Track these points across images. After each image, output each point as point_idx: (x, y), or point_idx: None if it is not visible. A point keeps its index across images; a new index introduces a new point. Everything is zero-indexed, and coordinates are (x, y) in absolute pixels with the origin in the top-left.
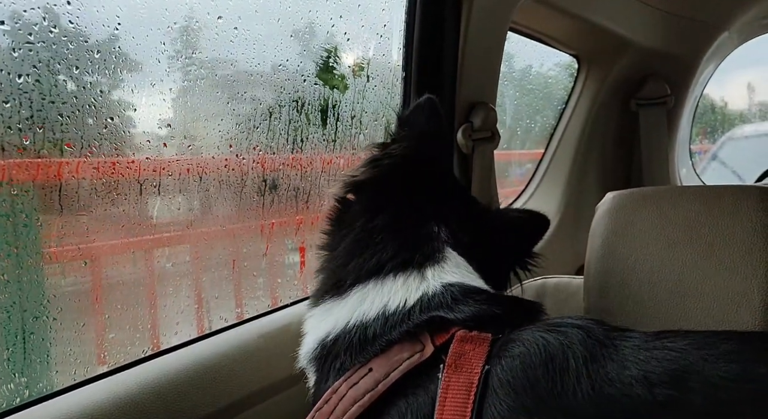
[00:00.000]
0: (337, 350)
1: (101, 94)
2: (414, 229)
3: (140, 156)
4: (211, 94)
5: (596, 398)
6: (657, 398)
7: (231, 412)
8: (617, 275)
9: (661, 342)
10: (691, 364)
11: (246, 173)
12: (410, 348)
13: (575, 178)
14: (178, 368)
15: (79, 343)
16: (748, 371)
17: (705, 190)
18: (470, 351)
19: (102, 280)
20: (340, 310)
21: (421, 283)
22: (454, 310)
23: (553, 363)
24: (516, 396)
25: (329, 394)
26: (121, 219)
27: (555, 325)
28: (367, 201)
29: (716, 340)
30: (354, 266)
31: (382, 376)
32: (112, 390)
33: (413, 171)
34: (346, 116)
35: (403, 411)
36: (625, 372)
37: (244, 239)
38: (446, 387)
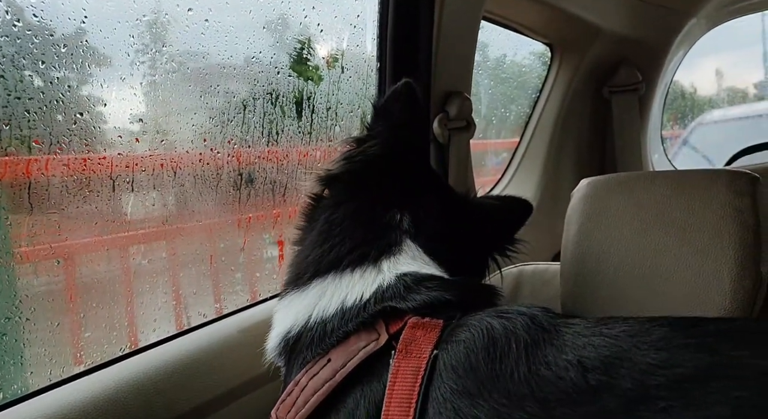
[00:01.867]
0: (300, 346)
1: (69, 89)
2: (374, 221)
3: (112, 152)
4: (183, 87)
5: (532, 379)
6: (589, 382)
7: (212, 407)
8: (592, 260)
9: (599, 328)
10: (623, 351)
11: (221, 167)
12: (366, 337)
13: (550, 165)
14: (158, 365)
15: (54, 343)
16: (674, 357)
17: (676, 174)
18: (421, 337)
19: (76, 279)
20: (300, 303)
21: (377, 276)
22: (407, 299)
23: (494, 347)
24: (459, 380)
25: (291, 386)
26: (94, 217)
27: (503, 311)
28: (336, 195)
29: (649, 327)
30: (313, 258)
31: (339, 366)
32: (89, 389)
33: (387, 165)
34: (321, 107)
35: (359, 398)
36: (561, 357)
37: (221, 234)
38: (396, 372)
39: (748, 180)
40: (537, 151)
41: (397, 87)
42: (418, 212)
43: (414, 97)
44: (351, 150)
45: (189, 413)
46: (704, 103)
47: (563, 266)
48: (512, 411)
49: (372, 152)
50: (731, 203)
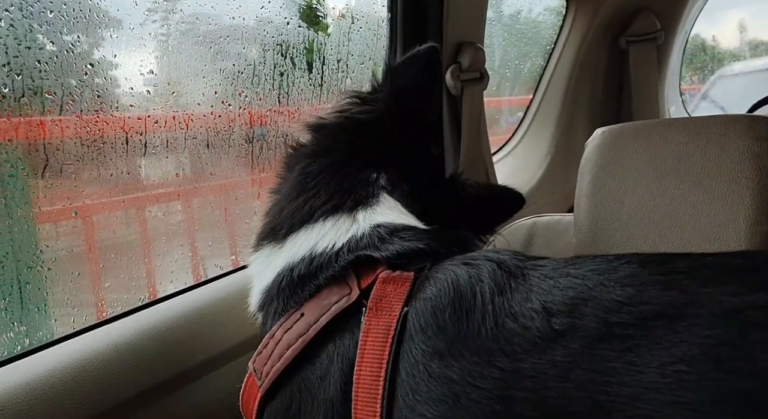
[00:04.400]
0: (272, 296)
1: (79, 40)
2: (350, 175)
3: (126, 113)
4: (195, 48)
5: (499, 333)
6: (554, 327)
7: (230, 356)
8: (607, 210)
9: (566, 269)
10: (589, 290)
11: (233, 121)
12: (338, 292)
13: (565, 119)
14: (177, 314)
15: (76, 292)
16: (641, 294)
17: (693, 121)
18: (391, 293)
19: (95, 235)
20: (277, 258)
21: (351, 226)
22: (380, 249)
23: (461, 302)
24: (428, 341)
25: (267, 339)
26: (110, 177)
27: (470, 258)
28: (316, 145)
29: (617, 265)
30: (288, 213)
31: (312, 320)
32: (112, 337)
33: (378, 130)
34: (331, 59)
35: (332, 354)
36: (527, 305)
37: (234, 188)
38: (367, 331)
39: (766, 125)
40: (551, 104)
41: (418, 50)
42: (395, 173)
43: (434, 65)
44: (349, 105)
45: (210, 360)
46: (726, 57)
47: (577, 217)
48: (483, 369)
49: (367, 114)
50: (749, 149)
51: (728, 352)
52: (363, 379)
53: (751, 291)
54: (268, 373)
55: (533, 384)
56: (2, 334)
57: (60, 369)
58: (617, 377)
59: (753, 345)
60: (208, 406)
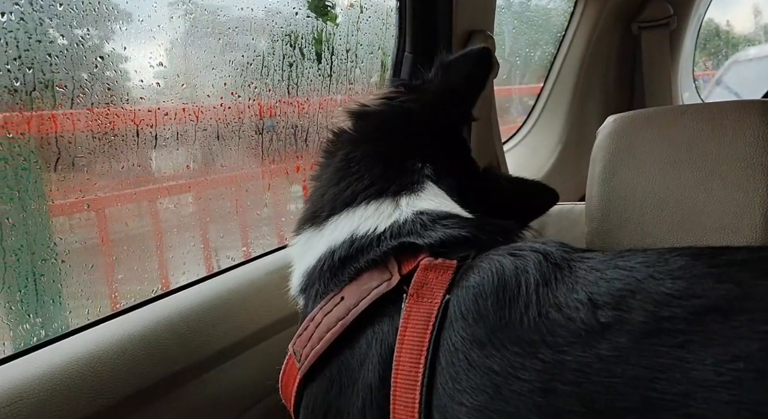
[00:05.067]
0: (313, 279)
1: (89, 33)
2: (395, 163)
3: (136, 106)
4: (205, 41)
5: (542, 324)
6: (600, 320)
7: (243, 346)
8: (619, 198)
9: (614, 261)
10: (637, 282)
11: (243, 112)
12: (379, 277)
13: (576, 107)
14: (191, 305)
15: (90, 284)
16: (693, 287)
17: (707, 107)
18: (433, 280)
19: (107, 227)
20: (317, 242)
21: (394, 211)
22: (423, 236)
23: (504, 291)
24: (469, 328)
25: (307, 322)
26: (120, 168)
27: (516, 249)
28: (360, 132)
29: (669, 257)
30: (330, 196)
31: (352, 304)
32: (126, 328)
33: (423, 119)
34: (340, 49)
35: (370, 339)
36: (572, 296)
37: (245, 179)
38: (407, 317)
39: None
40: (562, 92)
41: (474, 50)
42: (440, 165)
43: (485, 68)
44: (398, 92)
45: (221, 351)
46: (740, 41)
47: (588, 206)
48: (524, 360)
49: (414, 103)
50: (764, 134)
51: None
52: (402, 365)
53: None
54: (308, 356)
55: (577, 378)
56: (19, 326)
57: (76, 359)
58: (668, 373)
59: None
60: (222, 396)
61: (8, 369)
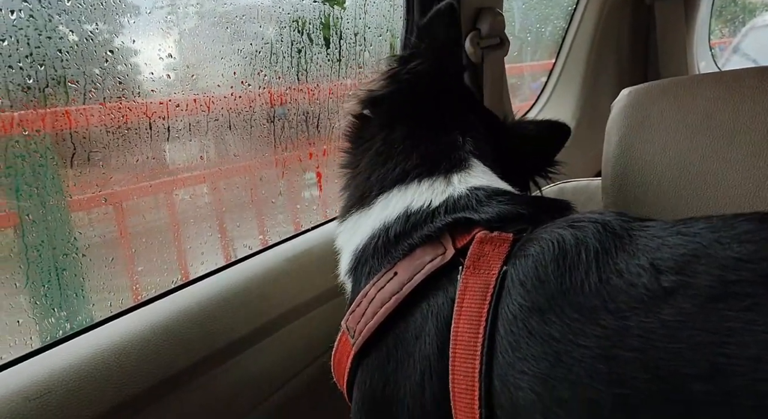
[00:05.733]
0: (366, 256)
1: (98, 28)
2: (438, 139)
3: (146, 92)
4: (212, 31)
5: (603, 289)
6: (662, 284)
7: (263, 333)
8: (636, 171)
9: (677, 228)
10: (703, 247)
11: (254, 100)
12: (432, 251)
13: (590, 81)
14: (210, 294)
15: (111, 277)
16: (762, 250)
17: (723, 75)
18: (489, 252)
19: (126, 221)
20: (367, 220)
21: (447, 187)
22: (479, 211)
23: (564, 259)
24: (528, 296)
25: (360, 298)
26: (135, 162)
27: (575, 220)
28: (386, 115)
29: (734, 222)
30: (377, 177)
31: (406, 279)
32: (148, 319)
33: (433, 85)
34: (348, 33)
35: (425, 312)
36: (633, 262)
37: (258, 168)
38: (464, 289)
39: None
40: (575, 66)
41: (440, 7)
42: (477, 135)
43: (456, 19)
44: (395, 69)
45: (242, 338)
46: (758, 7)
47: (605, 181)
48: (585, 326)
49: (419, 70)
50: None
51: None
52: (461, 336)
53: None
54: (362, 331)
55: (640, 344)
56: (45, 319)
57: (101, 351)
58: (736, 337)
59: None
60: (244, 382)
61: (36, 362)
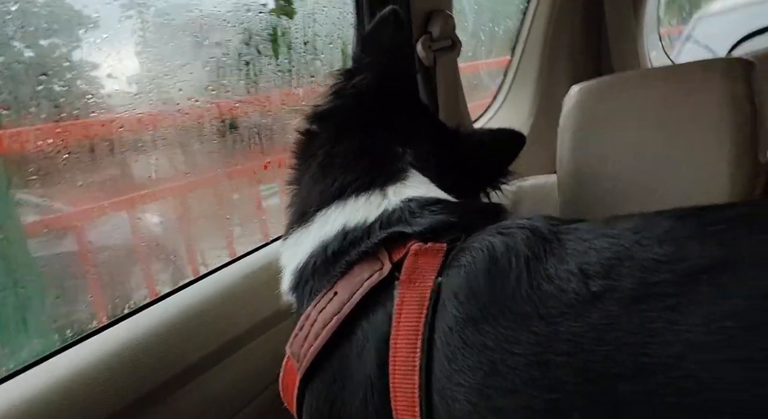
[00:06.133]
0: (306, 276)
1: (57, 44)
2: (377, 152)
3: (96, 115)
4: (166, 42)
5: (534, 296)
6: (591, 289)
7: (224, 354)
8: (590, 167)
9: (602, 229)
10: (626, 249)
11: (202, 116)
12: (370, 268)
13: (545, 77)
14: (167, 318)
15: (72, 302)
16: (680, 250)
17: (671, 69)
18: (424, 264)
19: (86, 241)
20: (306, 238)
21: (383, 200)
22: (412, 224)
23: (495, 267)
24: (462, 307)
25: (303, 320)
26: (86, 183)
27: (504, 227)
28: (330, 130)
29: (654, 221)
30: (317, 193)
31: (346, 298)
32: (109, 344)
33: (380, 98)
34: (298, 42)
35: (366, 330)
36: (563, 267)
37: (211, 183)
38: (401, 304)
39: (742, 66)
40: (530, 64)
41: (383, 13)
42: (419, 146)
43: (401, 24)
44: (340, 84)
45: (199, 361)
46: None
47: (560, 177)
48: (518, 333)
49: (364, 86)
50: (726, 92)
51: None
52: (399, 351)
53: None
54: (306, 354)
55: (571, 348)
56: None
57: (58, 380)
58: (659, 337)
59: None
60: (211, 401)
61: None
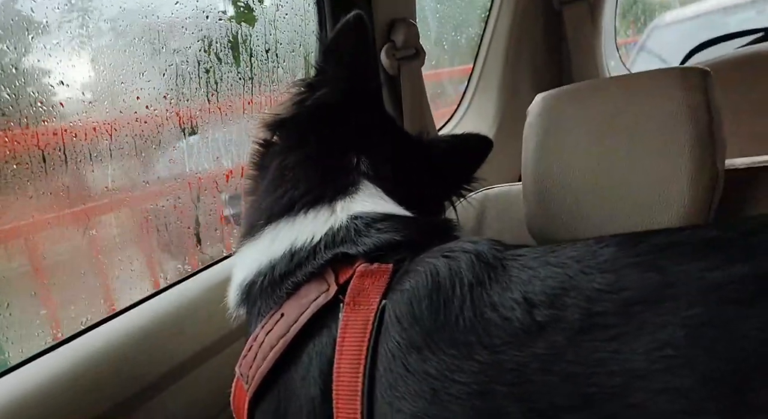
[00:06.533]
0: (254, 295)
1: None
2: (330, 163)
3: (49, 124)
4: (120, 48)
5: (478, 324)
6: (536, 319)
7: (184, 370)
8: (553, 175)
9: (546, 257)
10: (570, 279)
11: (161, 125)
12: (317, 289)
13: (508, 87)
14: (125, 333)
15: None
16: (621, 279)
17: (627, 79)
18: (369, 286)
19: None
20: (254, 252)
21: (330, 217)
22: (357, 243)
23: (438, 294)
24: (405, 333)
25: (251, 342)
26: (33, 194)
27: (448, 250)
28: (287, 140)
29: (596, 249)
30: (267, 205)
31: (292, 320)
32: (52, 367)
33: (340, 109)
34: (259, 50)
35: (311, 352)
36: (507, 295)
37: (169, 193)
38: (345, 326)
39: (698, 75)
40: (492, 74)
41: (348, 19)
42: (375, 155)
43: (365, 32)
44: (301, 94)
45: (160, 378)
46: (656, 8)
47: (525, 186)
48: (461, 362)
49: (324, 97)
50: (683, 101)
51: (712, 332)
52: (342, 376)
53: (728, 265)
54: (254, 377)
55: (515, 378)
56: None
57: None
58: (604, 367)
59: (734, 322)
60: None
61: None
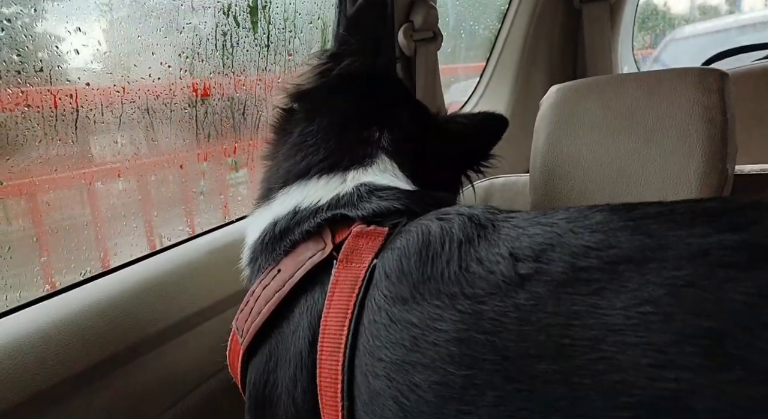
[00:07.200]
0: (257, 252)
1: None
2: (352, 134)
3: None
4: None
5: (462, 277)
6: (519, 271)
7: (182, 328)
8: (562, 167)
9: (537, 218)
10: (558, 236)
11: (174, 84)
12: (313, 247)
13: (522, 79)
14: (123, 288)
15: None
16: (610, 238)
17: (646, 76)
18: (363, 246)
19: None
20: (265, 214)
21: (340, 184)
22: (357, 207)
23: (427, 250)
24: (392, 287)
25: (248, 296)
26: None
27: (443, 213)
28: (310, 109)
29: (588, 213)
30: (284, 170)
31: (288, 276)
32: (50, 314)
33: (364, 81)
34: (278, 18)
35: (303, 308)
36: (493, 251)
37: (183, 161)
38: (335, 282)
39: (717, 76)
40: (508, 65)
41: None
42: (397, 131)
43: (386, 8)
44: (325, 64)
45: (160, 333)
46: (677, 20)
47: (532, 176)
48: (443, 311)
49: (349, 68)
50: (699, 101)
51: (694, 293)
52: (329, 329)
53: (719, 232)
54: (249, 330)
55: (493, 327)
56: None
57: None
58: (581, 320)
59: (719, 285)
60: (164, 377)
61: None
